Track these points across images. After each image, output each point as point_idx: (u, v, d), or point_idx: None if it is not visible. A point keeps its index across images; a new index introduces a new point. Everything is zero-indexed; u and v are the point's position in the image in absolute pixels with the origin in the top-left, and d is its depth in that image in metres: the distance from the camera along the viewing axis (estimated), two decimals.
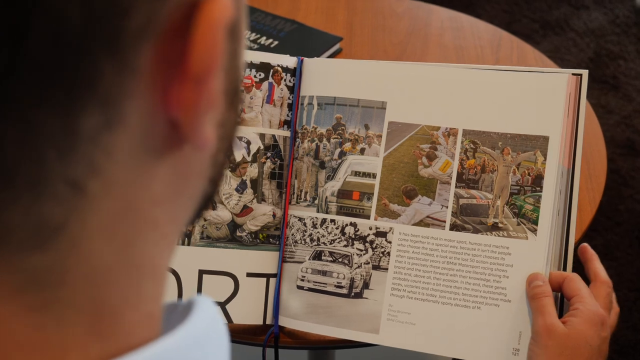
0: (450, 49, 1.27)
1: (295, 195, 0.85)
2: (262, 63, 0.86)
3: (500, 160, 0.78)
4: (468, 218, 0.78)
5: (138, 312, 0.30)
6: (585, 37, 2.51)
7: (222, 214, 0.84)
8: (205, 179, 0.32)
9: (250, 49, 1.21)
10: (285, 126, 0.86)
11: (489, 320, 0.76)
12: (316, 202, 0.83)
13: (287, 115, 0.86)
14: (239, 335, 0.84)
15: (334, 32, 1.27)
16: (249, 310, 0.83)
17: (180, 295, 0.82)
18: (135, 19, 0.24)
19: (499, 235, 0.77)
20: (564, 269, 0.78)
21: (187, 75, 0.26)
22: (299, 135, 0.85)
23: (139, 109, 0.26)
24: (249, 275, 0.84)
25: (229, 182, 0.84)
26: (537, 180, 0.78)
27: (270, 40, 1.24)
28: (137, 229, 0.29)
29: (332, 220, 0.82)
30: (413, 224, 0.79)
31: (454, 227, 0.78)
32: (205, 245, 0.84)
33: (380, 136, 0.82)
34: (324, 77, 0.85)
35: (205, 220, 0.84)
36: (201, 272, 0.83)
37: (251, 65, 0.85)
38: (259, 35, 1.24)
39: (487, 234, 0.77)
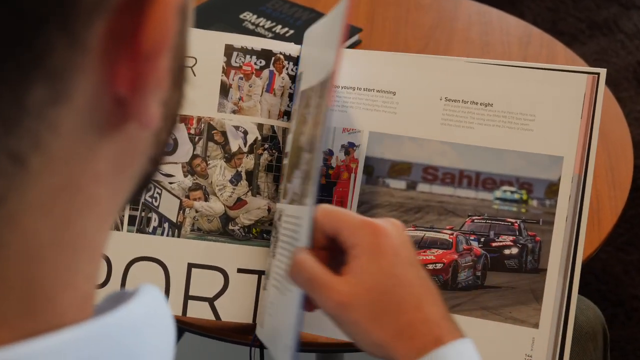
0: (475, 44, 1.25)
1: None
2: (263, 50, 0.85)
3: (315, 111, 0.66)
4: (300, 187, 0.67)
5: (72, 291, 0.30)
6: (635, 40, 2.45)
7: (214, 205, 0.84)
8: (147, 157, 0.33)
9: (264, 37, 1.20)
10: (285, 117, 0.85)
11: (284, 309, 0.64)
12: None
13: (288, 106, 0.85)
14: (228, 333, 0.84)
15: (354, 23, 1.26)
16: (239, 307, 0.83)
17: (167, 289, 0.82)
18: None
19: (295, 204, 0.66)
20: (571, 281, 0.76)
21: (138, 53, 0.27)
22: None
23: (86, 84, 0.27)
24: (240, 271, 0.83)
25: (223, 173, 0.84)
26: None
27: (286, 29, 1.23)
28: (77, 206, 0.29)
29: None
30: (288, 203, 0.72)
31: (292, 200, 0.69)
32: (196, 238, 0.83)
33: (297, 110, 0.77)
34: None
35: (196, 211, 0.84)
36: (190, 266, 0.83)
37: (252, 52, 0.85)
38: (274, 24, 1.24)
39: (293, 204, 0.67)
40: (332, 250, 0.58)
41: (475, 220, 0.79)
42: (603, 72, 0.77)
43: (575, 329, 0.91)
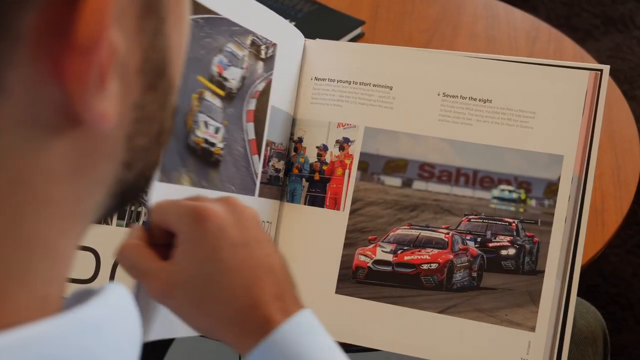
0: (481, 39, 1.24)
1: None
2: None
3: None
4: None
5: (28, 292, 0.30)
6: None
7: None
8: (117, 162, 0.32)
9: None
10: None
11: None
12: None
13: None
14: None
15: (358, 16, 1.26)
16: None
17: None
18: None
19: None
20: (570, 283, 0.75)
21: (73, 45, 0.27)
22: None
23: (23, 77, 0.26)
24: None
25: None
26: None
27: (287, 21, 1.23)
28: (28, 204, 0.29)
29: None
30: None
31: None
32: None
33: None
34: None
35: None
36: None
37: None
38: None
39: None
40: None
41: (472, 220, 0.79)
42: (606, 68, 0.76)
43: (574, 333, 0.90)
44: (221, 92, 0.70)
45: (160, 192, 0.61)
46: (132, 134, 0.32)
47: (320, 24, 1.23)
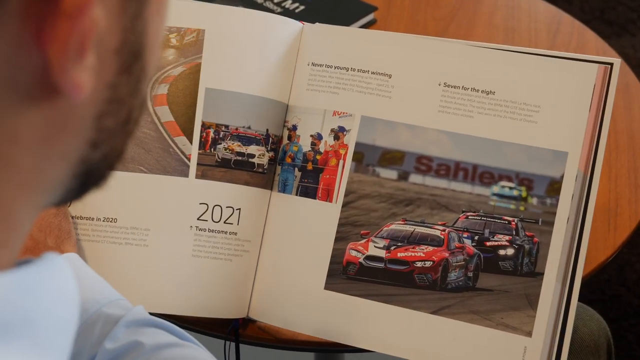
0: (499, 30, 1.23)
1: None
2: None
3: None
4: None
5: None
6: None
7: None
8: (83, 140, 0.34)
9: (272, 12, 1.20)
10: None
11: None
12: None
13: None
14: (204, 325, 0.84)
15: (370, 1, 1.25)
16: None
17: None
18: None
19: None
20: (571, 288, 0.75)
21: (60, 9, 0.28)
22: None
23: (8, 39, 0.28)
24: None
25: None
26: None
27: (296, 5, 1.23)
28: None
29: None
30: None
31: None
32: None
33: None
34: None
35: None
36: None
37: None
38: None
39: None
40: None
41: (470, 217, 0.79)
42: (617, 62, 0.76)
43: (576, 340, 0.89)
44: None
45: None
46: (102, 113, 0.33)
47: (331, 8, 1.23)
